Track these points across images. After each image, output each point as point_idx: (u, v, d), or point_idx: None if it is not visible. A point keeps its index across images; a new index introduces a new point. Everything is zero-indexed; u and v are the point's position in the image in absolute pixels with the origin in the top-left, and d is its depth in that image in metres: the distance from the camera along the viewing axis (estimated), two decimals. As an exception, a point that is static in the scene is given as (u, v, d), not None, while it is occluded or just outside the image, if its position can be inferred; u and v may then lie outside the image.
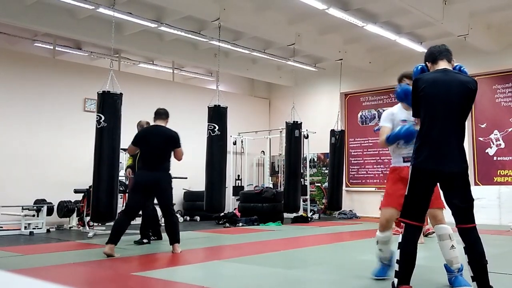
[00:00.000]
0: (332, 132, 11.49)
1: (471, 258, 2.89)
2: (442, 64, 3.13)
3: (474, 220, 2.99)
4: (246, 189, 12.23)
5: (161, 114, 5.74)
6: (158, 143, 5.53)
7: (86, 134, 8.69)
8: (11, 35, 9.95)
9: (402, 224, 6.60)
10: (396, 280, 2.92)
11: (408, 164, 3.47)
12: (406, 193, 3.07)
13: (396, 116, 3.79)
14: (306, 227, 9.45)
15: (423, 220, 3.05)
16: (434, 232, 6.45)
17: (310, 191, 12.39)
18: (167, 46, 10.77)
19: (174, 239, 5.44)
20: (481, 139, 10.21)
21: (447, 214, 3.32)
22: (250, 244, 6.73)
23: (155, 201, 6.02)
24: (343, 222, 10.57)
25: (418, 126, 3.31)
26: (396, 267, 2.97)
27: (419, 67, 3.33)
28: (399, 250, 2.98)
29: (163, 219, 5.62)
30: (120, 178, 7.23)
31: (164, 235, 5.97)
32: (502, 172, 10.26)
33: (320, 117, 12.92)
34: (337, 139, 11.44)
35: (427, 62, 3.24)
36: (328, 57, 11.54)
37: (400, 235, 3.05)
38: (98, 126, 6.87)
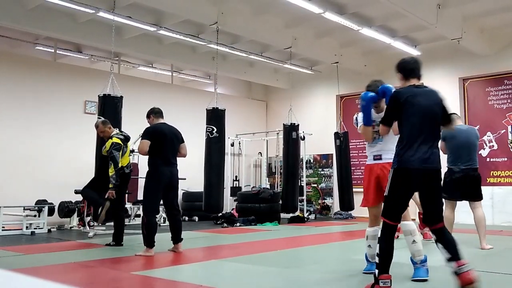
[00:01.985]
0: (337, 135, 11.59)
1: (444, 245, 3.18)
2: (413, 81, 3.49)
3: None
4: (243, 189, 12.36)
5: (162, 112, 5.79)
6: (173, 139, 5.60)
7: (87, 136, 8.78)
8: (13, 38, 10.07)
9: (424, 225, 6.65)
10: (377, 271, 3.22)
11: (378, 161, 3.97)
12: (388, 194, 3.38)
13: None
14: (303, 227, 9.54)
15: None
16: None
17: (307, 191, 12.53)
18: (166, 50, 10.88)
19: (179, 238, 5.53)
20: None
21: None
22: (248, 243, 6.80)
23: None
24: (338, 222, 10.68)
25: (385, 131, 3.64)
26: (376, 259, 3.27)
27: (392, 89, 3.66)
28: (378, 245, 3.28)
29: (165, 218, 5.64)
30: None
31: (160, 235, 6.04)
32: (495, 173, 10.43)
33: (316, 119, 13.07)
34: (342, 141, 11.56)
35: (399, 73, 3.56)
36: (324, 60, 11.68)
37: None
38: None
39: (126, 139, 6.37)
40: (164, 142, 5.50)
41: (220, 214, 9.92)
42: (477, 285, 2.95)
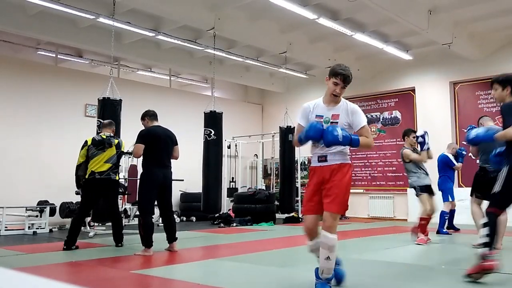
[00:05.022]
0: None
1: None
2: None
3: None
4: (240, 191, 12.51)
5: (156, 115, 5.89)
6: (166, 141, 5.69)
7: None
8: (15, 43, 10.22)
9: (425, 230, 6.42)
10: (486, 249, 3.66)
11: (323, 164, 3.34)
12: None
13: (313, 111, 3.47)
14: (298, 227, 9.56)
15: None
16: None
17: (301, 192, 12.70)
18: (164, 54, 11.04)
19: (174, 237, 5.66)
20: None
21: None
22: (244, 243, 6.92)
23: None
24: (333, 223, 10.84)
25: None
26: (485, 239, 3.67)
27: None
28: (487, 228, 3.71)
29: (160, 218, 5.71)
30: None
31: (159, 235, 6.08)
32: (485, 175, 10.62)
33: (311, 121, 13.23)
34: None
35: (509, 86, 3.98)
36: (318, 65, 11.77)
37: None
38: (98, 131, 7.17)
39: (100, 142, 6.25)
40: (158, 145, 5.59)
41: (217, 214, 10.09)
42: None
